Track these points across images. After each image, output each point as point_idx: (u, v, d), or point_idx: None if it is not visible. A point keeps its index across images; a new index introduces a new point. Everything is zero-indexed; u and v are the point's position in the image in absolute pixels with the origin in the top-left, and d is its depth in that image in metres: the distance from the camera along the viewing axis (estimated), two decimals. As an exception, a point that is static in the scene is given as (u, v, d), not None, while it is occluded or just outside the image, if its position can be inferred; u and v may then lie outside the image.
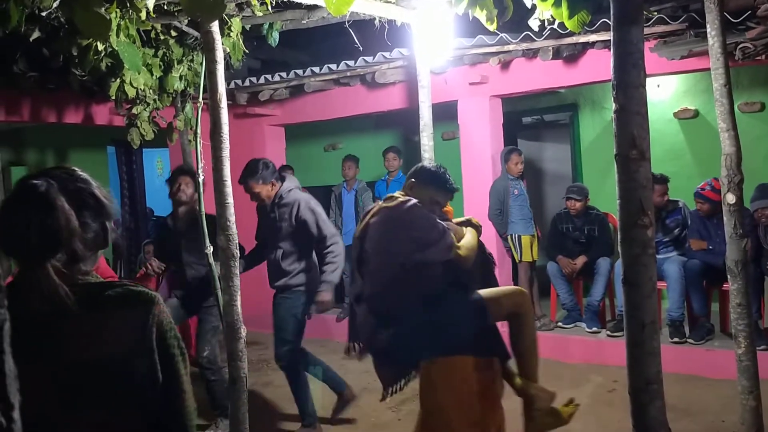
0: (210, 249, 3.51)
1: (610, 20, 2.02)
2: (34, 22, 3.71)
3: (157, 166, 9.60)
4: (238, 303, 2.99)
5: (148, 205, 8.62)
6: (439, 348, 2.61)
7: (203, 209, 3.61)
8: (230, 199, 3.05)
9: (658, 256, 4.82)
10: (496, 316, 2.68)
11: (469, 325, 2.59)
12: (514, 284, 5.66)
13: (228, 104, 3.32)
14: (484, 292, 2.70)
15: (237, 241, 3.02)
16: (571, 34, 4.64)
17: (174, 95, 5.15)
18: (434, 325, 2.58)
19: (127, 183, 8.60)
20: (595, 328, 5.26)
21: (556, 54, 4.97)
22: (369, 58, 5.53)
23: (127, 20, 3.77)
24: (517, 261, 5.59)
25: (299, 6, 4.16)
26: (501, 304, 2.66)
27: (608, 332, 5.17)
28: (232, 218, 3.03)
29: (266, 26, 4.68)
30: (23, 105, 5.16)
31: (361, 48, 4.61)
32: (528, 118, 7.89)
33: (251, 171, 4.09)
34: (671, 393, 2.89)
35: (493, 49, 5.11)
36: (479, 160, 5.58)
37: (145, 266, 4.54)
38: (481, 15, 3.11)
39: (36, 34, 3.87)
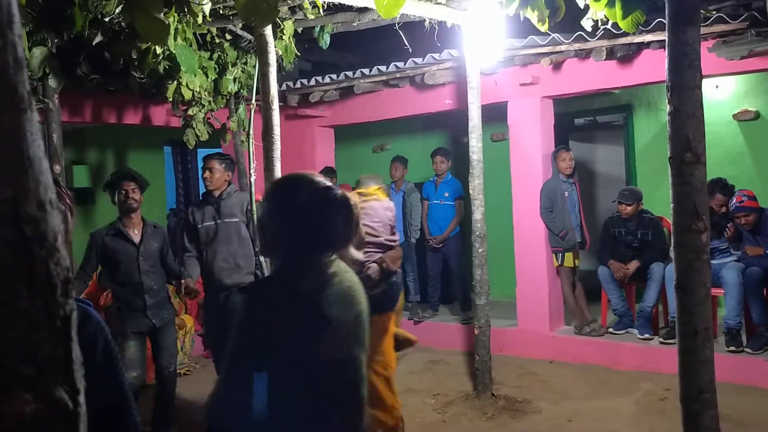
0: (259, 248, 3.59)
1: (665, 20, 1.98)
2: (97, 26, 3.86)
3: (210, 165, 9.86)
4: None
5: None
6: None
7: (255, 210, 3.69)
8: (281, 199, 3.11)
9: (714, 262, 4.69)
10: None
11: (395, 291, 3.61)
12: (559, 288, 5.58)
13: (279, 106, 3.39)
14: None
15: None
16: (626, 34, 4.54)
17: (228, 97, 5.28)
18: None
19: (182, 182, 8.84)
20: (647, 335, 5.13)
21: (610, 54, 4.88)
22: (418, 60, 5.54)
23: (184, 24, 3.88)
24: (555, 265, 5.50)
25: (350, 9, 4.21)
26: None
27: (661, 339, 5.04)
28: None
29: (317, 29, 4.74)
30: (86, 106, 5.36)
31: (411, 49, 4.63)
32: (580, 120, 7.75)
33: (224, 156, 4.46)
34: (726, 403, 2.81)
35: (545, 50, 5.05)
36: (529, 161, 5.53)
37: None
38: (532, 16, 3.09)
39: (98, 39, 4.02)
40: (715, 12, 4.22)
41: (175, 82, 4.67)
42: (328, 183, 1.73)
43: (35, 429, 0.50)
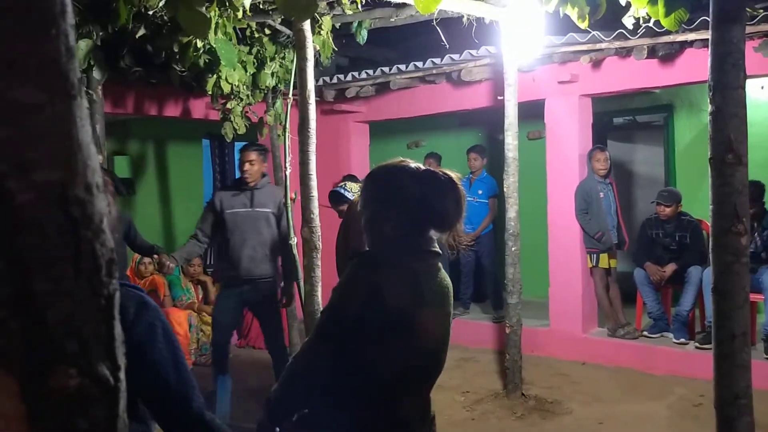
0: (294, 240, 3.63)
1: (709, 18, 1.95)
2: (140, 20, 3.94)
3: (247, 159, 10.01)
4: (319, 293, 3.08)
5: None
6: None
7: (290, 202, 3.73)
8: (315, 193, 3.14)
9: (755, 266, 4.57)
10: None
11: None
12: (592, 290, 5.50)
13: (316, 100, 3.42)
14: None
15: (319, 234, 3.10)
16: (668, 32, 4.45)
17: (265, 91, 5.33)
18: None
19: (219, 174, 8.98)
20: (682, 339, 5.04)
21: (651, 53, 4.79)
22: (456, 56, 5.52)
23: (225, 18, 3.94)
24: (590, 266, 5.43)
25: (388, 4, 4.21)
26: None
27: (697, 344, 4.94)
28: (316, 211, 3.12)
29: (355, 24, 4.76)
30: (128, 98, 5.48)
31: (448, 45, 4.62)
32: (619, 119, 7.62)
33: (261, 147, 4.44)
34: (764, 411, 2.74)
35: (585, 47, 4.99)
36: (566, 160, 5.46)
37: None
38: (572, 12, 3.05)
39: (141, 32, 4.11)
40: (762, 11, 4.11)
41: (215, 76, 4.74)
42: (436, 169, 1.76)
43: (78, 403, 0.53)
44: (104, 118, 4.66)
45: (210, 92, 4.86)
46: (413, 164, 1.74)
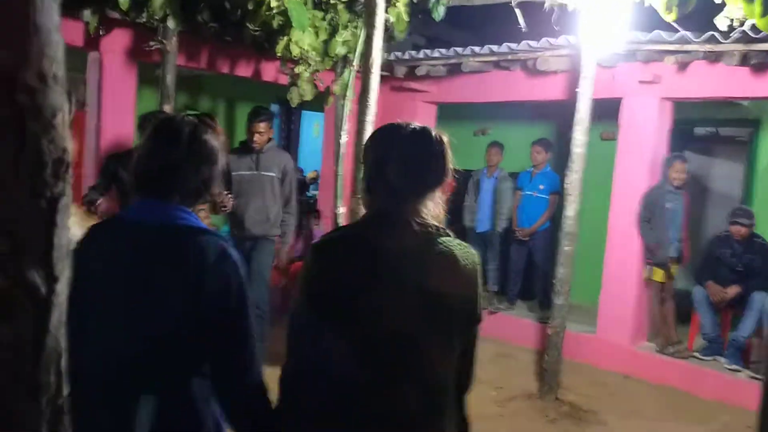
0: (341, 210, 3.60)
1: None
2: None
3: (314, 129, 10.03)
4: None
5: (299, 165, 9.02)
6: None
7: (341, 171, 3.70)
8: (367, 163, 3.08)
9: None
10: None
11: None
12: (647, 304, 5.27)
13: (386, 75, 3.36)
14: None
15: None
16: (764, 39, 4.15)
17: (335, 59, 5.29)
18: None
19: (285, 140, 9.06)
20: (735, 366, 4.75)
21: (743, 60, 4.47)
22: (533, 43, 5.33)
23: (301, -19, 3.92)
24: (645, 278, 5.18)
25: (468, -19, 4.09)
26: None
27: (750, 373, 4.66)
28: (366, 182, 3.07)
29: (432, 0, 4.66)
30: (202, 53, 5.53)
31: (526, 29, 4.45)
32: (701, 129, 7.23)
33: (270, 114, 4.53)
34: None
35: (671, 47, 4.71)
36: (636, 164, 5.21)
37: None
38: (658, 4, 2.87)
39: (219, -14, 4.13)
40: None
41: (286, 38, 4.73)
42: (415, 123, 1.46)
43: (3, 309, 0.48)
44: (177, 70, 4.73)
45: (280, 54, 4.85)
46: (404, 122, 1.46)
